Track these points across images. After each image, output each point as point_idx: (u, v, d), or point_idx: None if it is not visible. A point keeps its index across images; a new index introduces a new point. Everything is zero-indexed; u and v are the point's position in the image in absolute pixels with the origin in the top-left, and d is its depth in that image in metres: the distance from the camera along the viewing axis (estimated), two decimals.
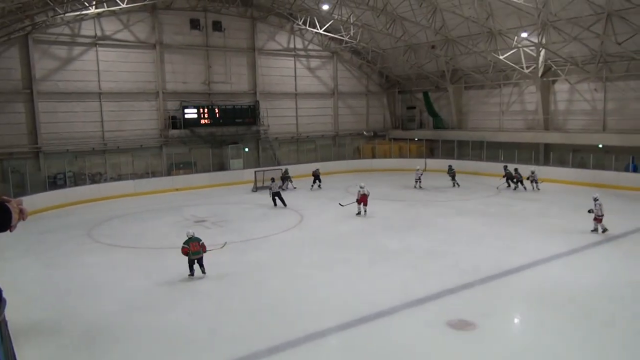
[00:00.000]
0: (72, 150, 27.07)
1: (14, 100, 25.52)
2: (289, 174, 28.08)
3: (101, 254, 15.61)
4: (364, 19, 30.77)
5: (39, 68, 25.95)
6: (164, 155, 30.08)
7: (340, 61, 37.56)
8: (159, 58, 29.49)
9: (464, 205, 22.14)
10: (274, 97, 34.38)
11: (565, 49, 26.22)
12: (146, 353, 8.85)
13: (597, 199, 16.13)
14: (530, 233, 16.68)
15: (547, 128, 30.09)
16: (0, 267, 10.51)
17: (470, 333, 9.25)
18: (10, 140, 25.32)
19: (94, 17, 27.13)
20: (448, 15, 27.55)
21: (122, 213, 22.07)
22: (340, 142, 37.58)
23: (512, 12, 25.07)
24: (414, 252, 14.80)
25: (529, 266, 13.13)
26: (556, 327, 9.50)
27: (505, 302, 10.98)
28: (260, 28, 33.41)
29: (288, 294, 11.62)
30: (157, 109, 29.81)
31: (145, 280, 12.89)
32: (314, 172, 27.87)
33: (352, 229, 18.13)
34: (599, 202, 16.05)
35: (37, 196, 22.85)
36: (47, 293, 12.29)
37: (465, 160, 32.89)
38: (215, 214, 21.11)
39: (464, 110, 35.81)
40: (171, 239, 17.26)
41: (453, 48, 31.16)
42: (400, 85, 39.66)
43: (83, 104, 27.44)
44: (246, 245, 16.18)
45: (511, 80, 31.79)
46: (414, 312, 10.34)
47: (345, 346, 9.13)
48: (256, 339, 9.18)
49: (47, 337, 9.68)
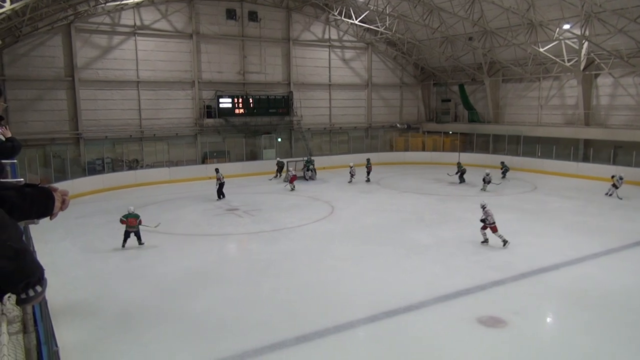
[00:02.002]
0: (110, 137, 27.82)
1: (56, 88, 26.38)
2: (313, 164, 28.03)
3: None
4: (400, 9, 30.36)
5: (80, 56, 26.70)
6: (198, 144, 30.58)
7: (374, 52, 37.24)
8: (195, 48, 29.88)
9: (498, 200, 21.71)
10: (308, 88, 34.40)
11: (609, 42, 25.25)
12: (177, 337, 9.07)
13: (484, 206, 14.51)
14: (565, 231, 16.26)
15: (588, 123, 29.14)
16: (40, 249, 10.91)
17: (500, 330, 9.12)
18: (52, 126, 26.22)
19: (133, 6, 27.69)
20: (487, 6, 26.88)
21: (157, 199, 22.58)
22: (372, 134, 37.36)
23: (554, 3, 24.27)
24: (445, 246, 14.64)
25: (563, 264, 12.82)
26: (588, 327, 9.27)
27: (537, 300, 10.75)
28: (296, 18, 33.41)
29: (317, 284, 11.69)
30: (193, 98, 30.28)
31: (178, 265, 13.19)
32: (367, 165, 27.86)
33: (383, 221, 18.05)
34: (488, 209, 14.42)
35: (77, 181, 23.63)
36: (84, 276, 12.73)
37: (501, 155, 32.22)
38: (247, 203, 21.36)
39: (501, 104, 35.02)
40: (203, 227, 17.64)
41: (491, 40, 30.43)
42: (436, 78, 39.05)
43: (122, 92, 28.12)
44: (277, 235, 16.34)
45: (551, 74, 30.86)
46: (443, 307, 10.25)
47: (373, 339, 9.14)
48: (284, 328, 9.28)
49: (84, 319, 10.04)
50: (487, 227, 14.48)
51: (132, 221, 14.57)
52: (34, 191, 1.83)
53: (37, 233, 12.76)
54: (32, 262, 1.63)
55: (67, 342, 8.42)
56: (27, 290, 1.59)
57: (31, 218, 1.93)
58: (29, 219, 1.93)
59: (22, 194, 1.78)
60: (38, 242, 11.61)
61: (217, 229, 17.47)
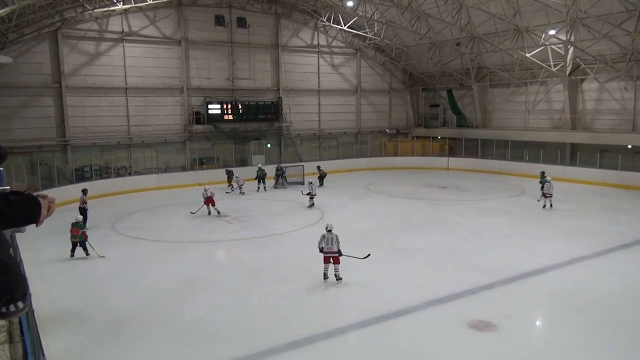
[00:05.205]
0: (98, 144, 27.60)
1: (43, 94, 26.12)
2: (283, 171, 27.82)
3: (125, 246, 15.90)
4: (389, 15, 30.56)
5: (67, 63, 26.50)
6: (187, 150, 30.44)
7: (363, 58, 37.41)
8: (183, 54, 29.81)
9: (487, 204, 21.87)
10: (297, 94, 34.44)
11: (594, 47, 25.62)
12: (168, 344, 8.99)
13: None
14: (554, 234, 16.39)
15: (574, 127, 29.48)
16: (27, 257, 10.78)
17: (490, 334, 9.15)
18: (39, 133, 25.94)
19: (121, 13, 27.57)
20: (474, 12, 27.17)
21: (146, 206, 22.43)
22: (362, 139, 37.48)
23: (540, 9, 24.58)
24: (435, 251, 14.69)
25: (551, 268, 12.92)
26: (578, 330, 9.34)
27: (526, 304, 10.82)
28: (284, 25, 33.49)
29: (308, 289, 11.65)
30: (181, 105, 30.16)
31: (168, 272, 13.09)
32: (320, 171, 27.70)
33: (373, 226, 18.08)
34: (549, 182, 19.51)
35: (64, 188, 23.39)
36: (72, 284, 12.58)
37: (489, 160, 32.54)
38: (236, 209, 21.28)
39: (489, 109, 35.34)
40: (193, 233, 17.53)
41: (478, 45, 30.74)
42: (424, 83, 39.30)
43: (110, 98, 27.94)
44: (267, 241, 16.29)
45: (538, 79, 31.24)
46: (434, 312, 10.27)
47: (364, 344, 9.12)
48: (276, 334, 9.24)
49: (72, 327, 9.90)
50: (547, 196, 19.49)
51: (74, 230, 14.33)
52: (20, 198, 1.82)
53: (24, 241, 12.60)
54: (18, 277, 1.61)
55: (55, 351, 8.30)
56: (8, 305, 1.56)
57: (18, 225, 1.92)
58: (16, 226, 1.91)
59: (7, 201, 1.77)
60: (24, 250, 11.45)
61: (207, 235, 17.37)
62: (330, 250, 11.78)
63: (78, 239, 14.35)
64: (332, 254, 11.78)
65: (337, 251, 11.80)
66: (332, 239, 11.85)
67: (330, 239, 11.83)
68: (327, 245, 11.78)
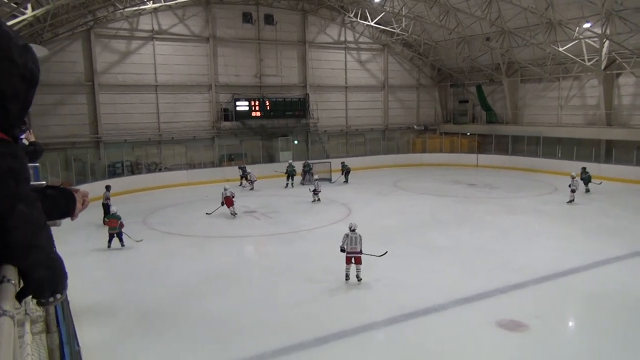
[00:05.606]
0: (129, 141, 28.17)
1: (77, 92, 26.82)
2: (310, 167, 27.73)
3: (155, 241, 16.19)
4: (416, 10, 30.22)
5: (99, 61, 27.12)
6: (216, 147, 30.79)
7: (391, 54, 37.11)
8: (212, 51, 30.12)
9: (517, 202, 21.46)
10: (324, 90, 34.40)
11: (631, 40, 24.75)
12: (196, 338, 9.12)
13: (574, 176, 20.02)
14: (588, 233, 15.96)
15: (610, 124, 28.61)
16: (62, 250, 11.06)
17: (521, 334, 8.97)
18: (73, 130, 26.66)
19: (151, 11, 28.04)
20: (504, 5, 26.59)
21: (175, 202, 22.78)
22: (389, 135, 37.22)
23: (574, 2, 23.93)
24: (463, 249, 14.49)
25: (585, 268, 12.58)
26: (611, 332, 9.07)
27: (559, 304, 10.57)
28: (311, 21, 33.48)
29: (335, 286, 11.65)
30: (210, 102, 30.51)
31: (196, 267, 13.28)
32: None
33: (400, 223, 17.95)
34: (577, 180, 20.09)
35: (97, 184, 23.89)
36: (106, 277, 12.90)
37: (520, 156, 31.86)
38: (264, 206, 21.43)
39: (520, 105, 34.60)
40: (220, 229, 17.74)
41: (509, 40, 30.07)
42: (453, 79, 38.75)
43: (140, 95, 28.48)
44: (294, 237, 16.35)
45: (571, 74, 30.38)
46: (463, 310, 10.13)
47: (392, 341, 9.08)
48: (303, 330, 9.28)
49: (105, 319, 10.16)
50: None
51: (112, 222, 14.99)
52: (55, 192, 1.86)
53: (60, 234, 12.94)
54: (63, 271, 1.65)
55: (89, 342, 8.51)
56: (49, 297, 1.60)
57: (53, 219, 1.96)
58: (51, 219, 1.96)
59: (44, 195, 1.81)
60: (60, 243, 11.76)
61: (235, 231, 17.56)
62: (354, 250, 11.68)
63: (117, 230, 14.91)
64: (355, 254, 11.69)
65: (360, 251, 11.71)
66: (355, 238, 11.75)
67: (353, 239, 11.73)
68: (351, 245, 11.69)
